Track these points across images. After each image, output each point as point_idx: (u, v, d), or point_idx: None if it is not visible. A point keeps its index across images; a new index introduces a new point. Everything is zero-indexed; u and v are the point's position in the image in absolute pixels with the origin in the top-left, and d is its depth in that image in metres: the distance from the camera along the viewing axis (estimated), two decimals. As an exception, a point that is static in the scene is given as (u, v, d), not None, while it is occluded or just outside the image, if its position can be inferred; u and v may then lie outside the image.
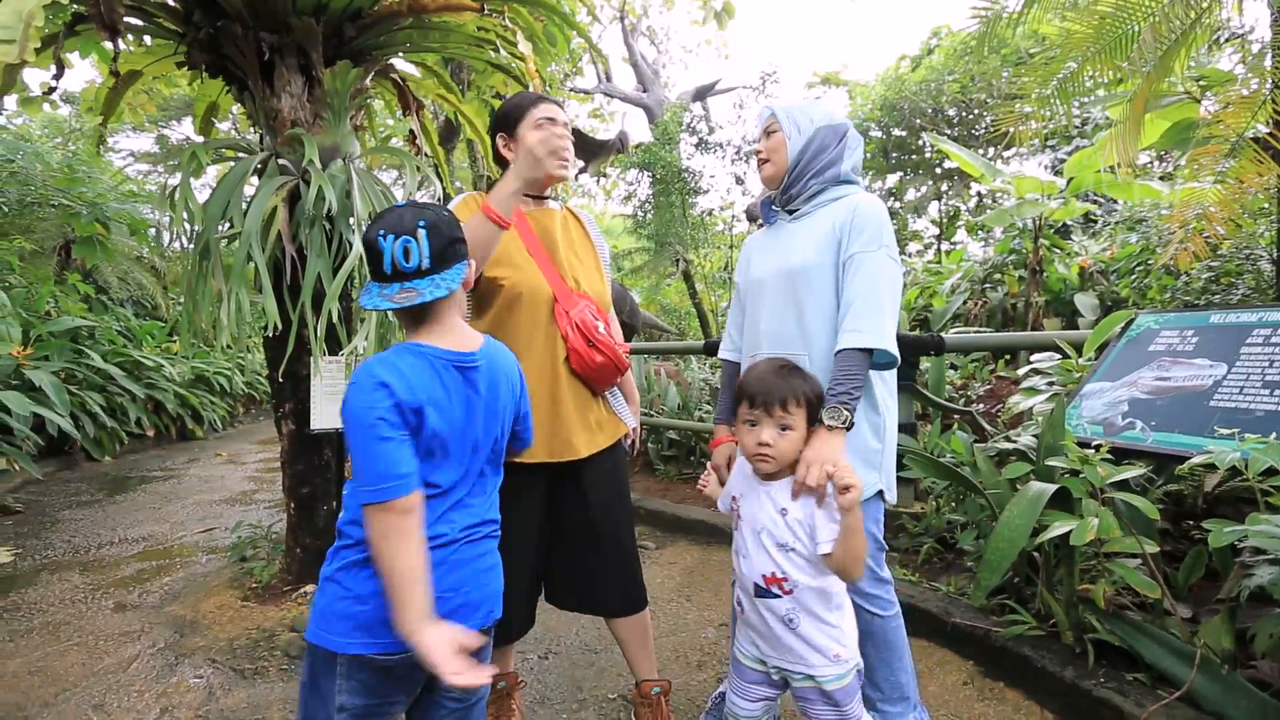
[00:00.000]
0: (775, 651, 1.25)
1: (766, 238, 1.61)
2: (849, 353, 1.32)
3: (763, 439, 1.20)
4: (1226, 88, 3.38)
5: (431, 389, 1.02)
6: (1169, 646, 1.58)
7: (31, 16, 1.33)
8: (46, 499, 4.48)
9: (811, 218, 1.48)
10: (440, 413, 1.03)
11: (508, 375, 1.16)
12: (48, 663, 2.23)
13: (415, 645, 0.92)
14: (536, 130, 1.49)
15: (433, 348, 1.05)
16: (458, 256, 1.07)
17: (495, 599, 1.12)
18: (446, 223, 1.07)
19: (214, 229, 2.31)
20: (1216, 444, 1.57)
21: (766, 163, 1.53)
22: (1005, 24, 3.45)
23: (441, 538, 1.03)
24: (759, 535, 1.24)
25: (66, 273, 6.75)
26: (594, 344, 1.51)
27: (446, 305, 1.08)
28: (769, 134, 1.52)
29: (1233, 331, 1.87)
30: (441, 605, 1.00)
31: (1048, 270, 5.48)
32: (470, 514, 1.09)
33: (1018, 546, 1.69)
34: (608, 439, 1.61)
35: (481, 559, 1.09)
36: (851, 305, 1.35)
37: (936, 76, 9.55)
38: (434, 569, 0.99)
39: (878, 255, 1.36)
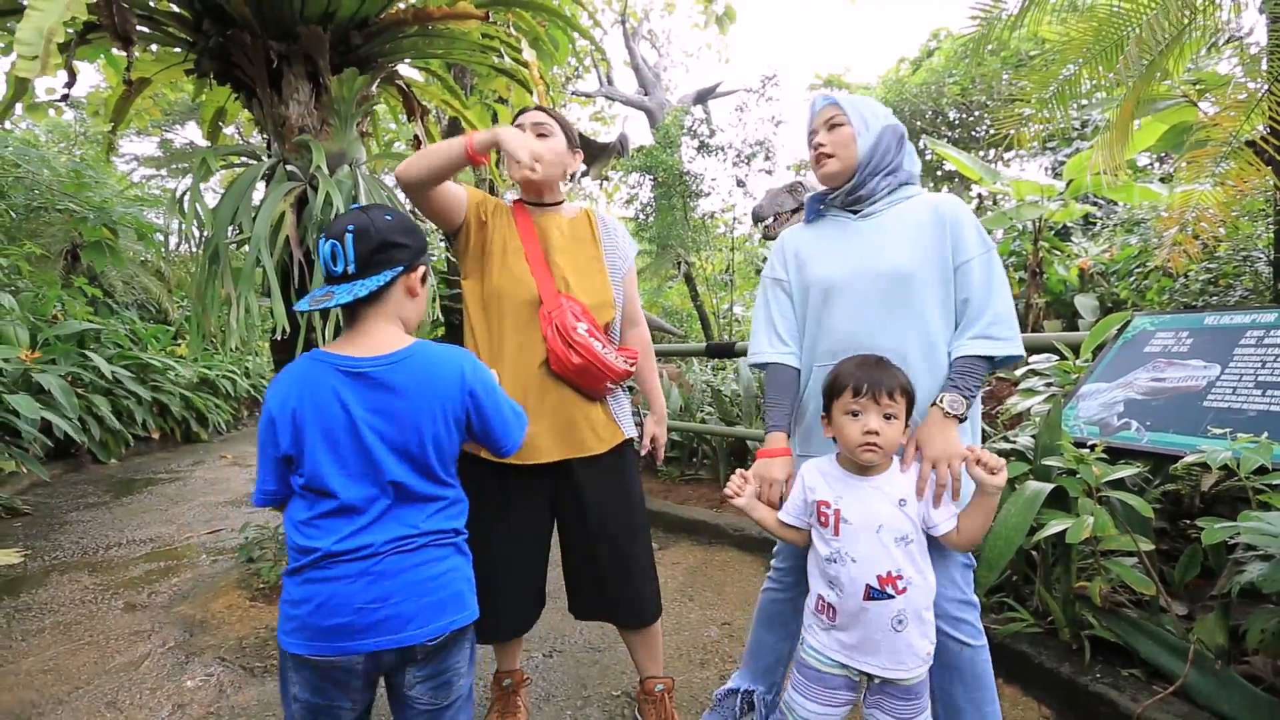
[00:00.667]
0: (872, 656, 1.20)
1: (826, 236, 1.47)
2: (973, 359, 1.29)
3: (870, 427, 1.17)
4: (1223, 91, 3.41)
5: (300, 397, 1.05)
6: (1164, 643, 1.61)
7: (53, 33, 1.37)
8: (54, 501, 4.52)
9: (885, 216, 1.40)
10: (309, 420, 1.04)
11: (434, 382, 1.09)
12: (60, 661, 2.26)
13: None
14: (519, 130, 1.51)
15: (329, 354, 1.07)
16: (388, 263, 1.07)
17: (436, 610, 1.07)
18: (382, 228, 1.06)
19: (223, 234, 2.35)
20: (1209, 444, 1.60)
21: (831, 158, 1.40)
22: (1004, 27, 3.48)
23: (363, 550, 1.02)
24: (877, 532, 1.19)
25: (73, 277, 6.80)
26: (571, 345, 1.47)
27: (373, 311, 1.09)
28: (832, 127, 1.40)
29: (1226, 333, 1.90)
30: (364, 616, 1.01)
31: (1048, 272, 5.51)
32: (400, 525, 1.06)
33: (1015, 545, 1.72)
34: (602, 445, 1.58)
35: (418, 569, 1.06)
36: (983, 312, 1.29)
37: (936, 79, 9.59)
38: (355, 580, 1.02)
39: (989, 256, 1.33)
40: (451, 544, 1.12)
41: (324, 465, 1.04)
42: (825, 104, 1.43)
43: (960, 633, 1.33)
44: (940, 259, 1.34)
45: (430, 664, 1.08)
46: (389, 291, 1.09)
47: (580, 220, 1.69)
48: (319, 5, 2.40)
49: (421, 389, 1.07)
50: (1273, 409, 1.65)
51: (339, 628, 1.02)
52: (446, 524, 1.11)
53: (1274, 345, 1.78)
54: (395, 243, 1.07)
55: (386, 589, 1.03)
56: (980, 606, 1.38)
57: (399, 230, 1.08)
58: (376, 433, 1.05)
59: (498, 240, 1.57)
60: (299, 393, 1.06)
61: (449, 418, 1.10)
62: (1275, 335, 1.80)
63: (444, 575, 1.09)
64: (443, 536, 1.11)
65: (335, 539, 1.03)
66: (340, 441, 1.04)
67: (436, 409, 1.08)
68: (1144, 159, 7.75)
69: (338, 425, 1.04)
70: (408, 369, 1.07)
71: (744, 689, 1.66)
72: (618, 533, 1.60)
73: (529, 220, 1.61)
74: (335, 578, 1.02)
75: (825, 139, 1.41)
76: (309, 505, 1.06)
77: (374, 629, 1.02)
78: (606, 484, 1.60)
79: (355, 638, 1.02)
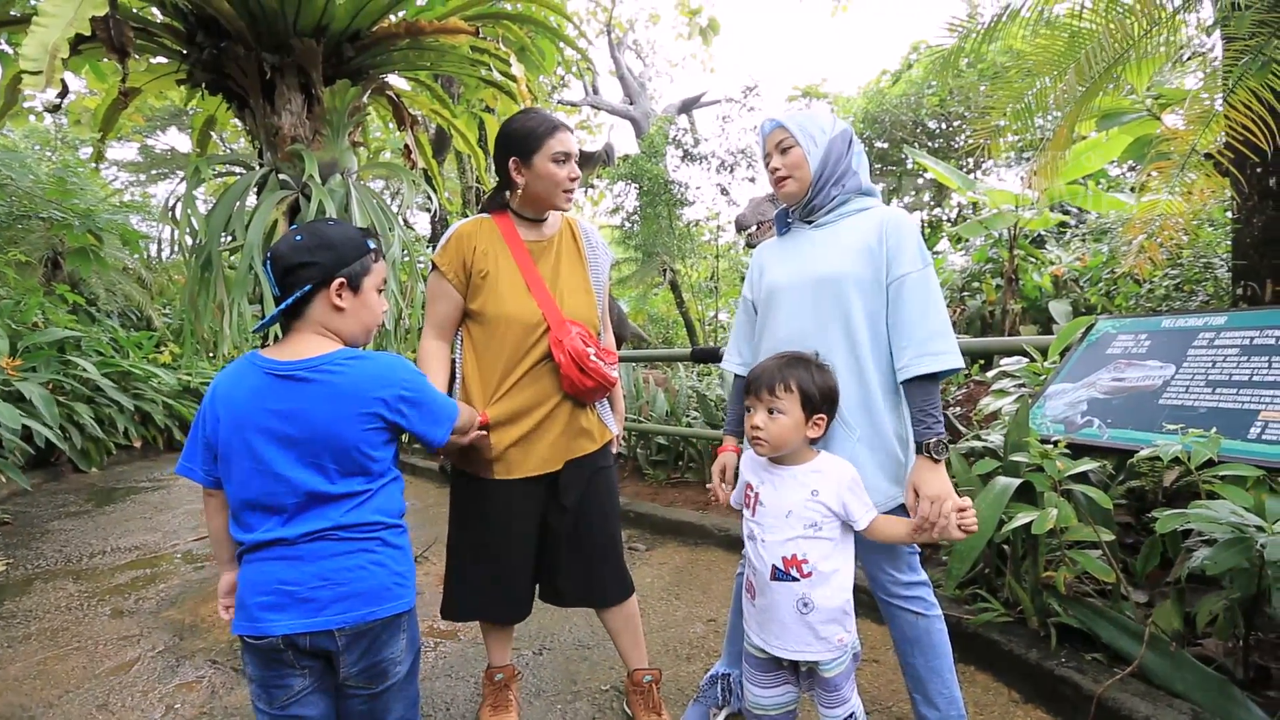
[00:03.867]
0: (781, 640, 1.29)
1: (783, 246, 1.58)
2: (926, 381, 1.35)
3: (754, 422, 1.30)
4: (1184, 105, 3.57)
5: (225, 393, 1.14)
6: (1123, 627, 1.70)
7: (57, 48, 1.42)
8: (35, 510, 4.48)
9: (836, 227, 1.48)
10: (226, 415, 1.13)
11: (346, 387, 1.13)
12: (48, 666, 2.26)
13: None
14: (554, 166, 1.55)
15: (262, 356, 1.16)
16: (296, 283, 1.14)
17: (352, 600, 1.12)
18: (287, 252, 1.14)
19: (216, 241, 2.39)
20: (1163, 439, 1.70)
21: (787, 179, 1.49)
22: (977, 40, 3.62)
23: (281, 540, 1.11)
24: (786, 517, 1.28)
25: (54, 284, 6.73)
26: (585, 371, 1.57)
27: (297, 324, 1.17)
28: (784, 150, 1.48)
29: (1181, 335, 2.02)
30: (284, 595, 1.10)
31: (1023, 279, 5.68)
32: (315, 520, 1.12)
33: (985, 537, 1.81)
34: (593, 444, 1.69)
35: (335, 559, 1.12)
36: (918, 329, 1.36)
37: (916, 90, 9.81)
38: (276, 562, 1.12)
39: (926, 273, 1.39)
40: (376, 537, 1.16)
41: (237, 462, 1.13)
42: (773, 127, 1.50)
43: (914, 606, 1.46)
44: (874, 268, 1.41)
45: (356, 650, 1.14)
46: (308, 307, 1.16)
47: (565, 233, 1.73)
48: (312, 19, 2.45)
49: (333, 393, 1.13)
50: (1222, 406, 1.75)
51: (263, 605, 1.10)
52: (368, 517, 1.15)
53: (1224, 346, 1.89)
54: (300, 263, 1.14)
55: (304, 572, 1.11)
56: (930, 584, 1.51)
57: (304, 250, 1.14)
58: (284, 435, 1.11)
59: (490, 264, 1.60)
60: (228, 388, 1.16)
61: (365, 420, 1.14)
62: (1225, 337, 1.91)
63: (362, 569, 1.13)
64: (364, 530, 1.15)
65: (257, 533, 1.13)
66: (254, 440, 1.12)
67: (349, 412, 1.13)
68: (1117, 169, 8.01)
69: (254, 423, 1.12)
70: (321, 374, 1.13)
71: (722, 673, 1.76)
72: (597, 519, 1.69)
73: (518, 239, 1.64)
74: (260, 559, 1.13)
75: (779, 163, 1.49)
76: (232, 499, 1.16)
77: (291, 610, 1.10)
78: (590, 477, 1.69)
79: (275, 616, 1.09)
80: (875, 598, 1.55)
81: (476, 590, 1.67)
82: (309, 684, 1.14)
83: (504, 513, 1.63)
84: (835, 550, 1.28)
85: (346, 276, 1.17)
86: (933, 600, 1.49)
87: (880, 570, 1.49)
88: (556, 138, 1.55)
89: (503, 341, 1.58)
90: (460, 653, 2.27)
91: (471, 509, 1.66)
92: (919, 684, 1.49)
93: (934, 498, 1.28)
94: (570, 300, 1.65)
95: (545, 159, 1.55)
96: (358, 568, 1.14)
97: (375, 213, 2.60)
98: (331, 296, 1.16)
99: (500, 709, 1.80)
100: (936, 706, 1.47)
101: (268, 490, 1.12)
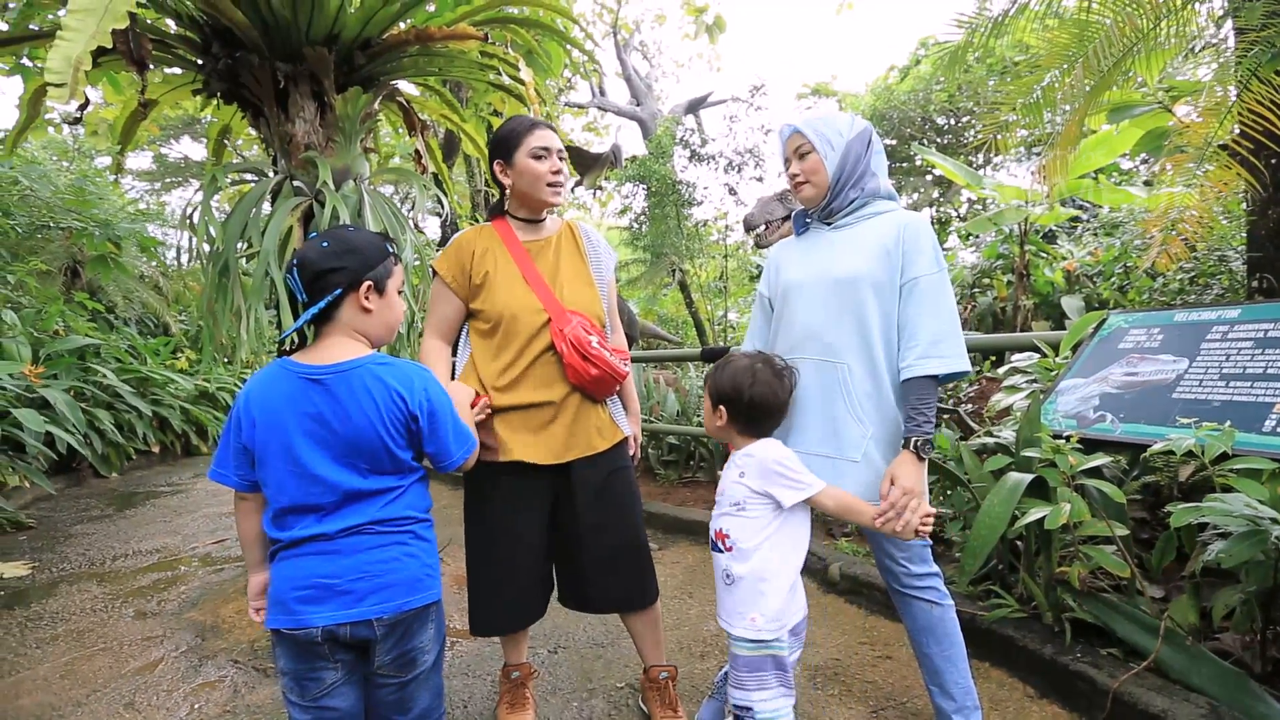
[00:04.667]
0: (719, 608, 1.39)
1: (801, 245, 1.61)
2: (925, 380, 1.37)
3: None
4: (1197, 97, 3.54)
5: (260, 399, 1.17)
6: (1139, 622, 1.69)
7: (80, 61, 1.46)
8: (58, 514, 4.56)
9: (855, 229, 1.50)
10: (262, 420, 1.16)
11: (375, 392, 1.17)
12: (75, 666, 2.32)
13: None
14: (533, 161, 1.61)
15: (293, 362, 1.19)
16: (326, 288, 1.17)
17: (388, 591, 1.17)
18: (315, 259, 1.17)
19: (233, 248, 2.43)
20: (1177, 433, 1.70)
21: (805, 184, 1.51)
22: (986, 34, 3.60)
23: (320, 536, 1.15)
24: (721, 496, 1.41)
25: (74, 292, 6.86)
26: (588, 358, 1.58)
27: (328, 328, 1.21)
28: (802, 155, 1.50)
29: (1194, 328, 2.00)
30: (322, 589, 1.13)
31: (1035, 274, 5.63)
32: (352, 516, 1.16)
33: (997, 533, 1.81)
34: (605, 443, 1.68)
35: (371, 552, 1.16)
36: (927, 330, 1.38)
37: (924, 86, 9.76)
38: (314, 557, 1.15)
39: (940, 277, 1.41)
40: (408, 531, 1.22)
41: (275, 465, 1.16)
42: (791, 132, 1.53)
43: (929, 595, 1.50)
44: (888, 272, 1.43)
45: (391, 639, 1.18)
46: (338, 310, 1.20)
47: (564, 234, 1.77)
48: (324, 28, 2.49)
49: (363, 397, 1.16)
50: (1236, 399, 1.74)
51: (301, 599, 1.13)
52: (401, 511, 1.21)
53: (1237, 339, 1.87)
54: (329, 269, 1.17)
55: (342, 565, 1.14)
56: (942, 575, 1.54)
57: (333, 256, 1.18)
58: (320, 437, 1.15)
59: (489, 265, 1.65)
60: (261, 394, 1.19)
61: (391, 425, 1.18)
62: (1239, 330, 1.90)
63: (396, 560, 1.18)
64: (397, 524, 1.20)
65: (295, 530, 1.16)
66: (292, 443, 1.15)
67: (376, 416, 1.16)
68: (1129, 162, 7.92)
69: (290, 427, 1.15)
70: (351, 379, 1.17)
71: None
72: (616, 522, 1.68)
73: (516, 240, 1.69)
74: (298, 554, 1.16)
75: (797, 168, 1.52)
76: (272, 502, 1.19)
77: (330, 602, 1.13)
78: (605, 479, 1.67)
79: (314, 609, 1.13)
80: (889, 589, 1.57)
81: (488, 603, 1.67)
82: (340, 676, 1.17)
83: (511, 503, 1.64)
84: (761, 530, 1.34)
85: (373, 279, 1.21)
86: (945, 591, 1.52)
87: (894, 563, 1.51)
88: (534, 134, 1.61)
89: (506, 337, 1.61)
90: (477, 651, 2.30)
91: (480, 501, 1.68)
92: (935, 675, 1.51)
93: (907, 490, 1.32)
94: (571, 292, 1.66)
95: (525, 155, 1.61)
96: (393, 560, 1.18)
97: (388, 218, 2.64)
98: (360, 299, 1.20)
99: (517, 707, 1.83)
100: (953, 697, 1.49)
101: (306, 491, 1.15)
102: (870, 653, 2.14)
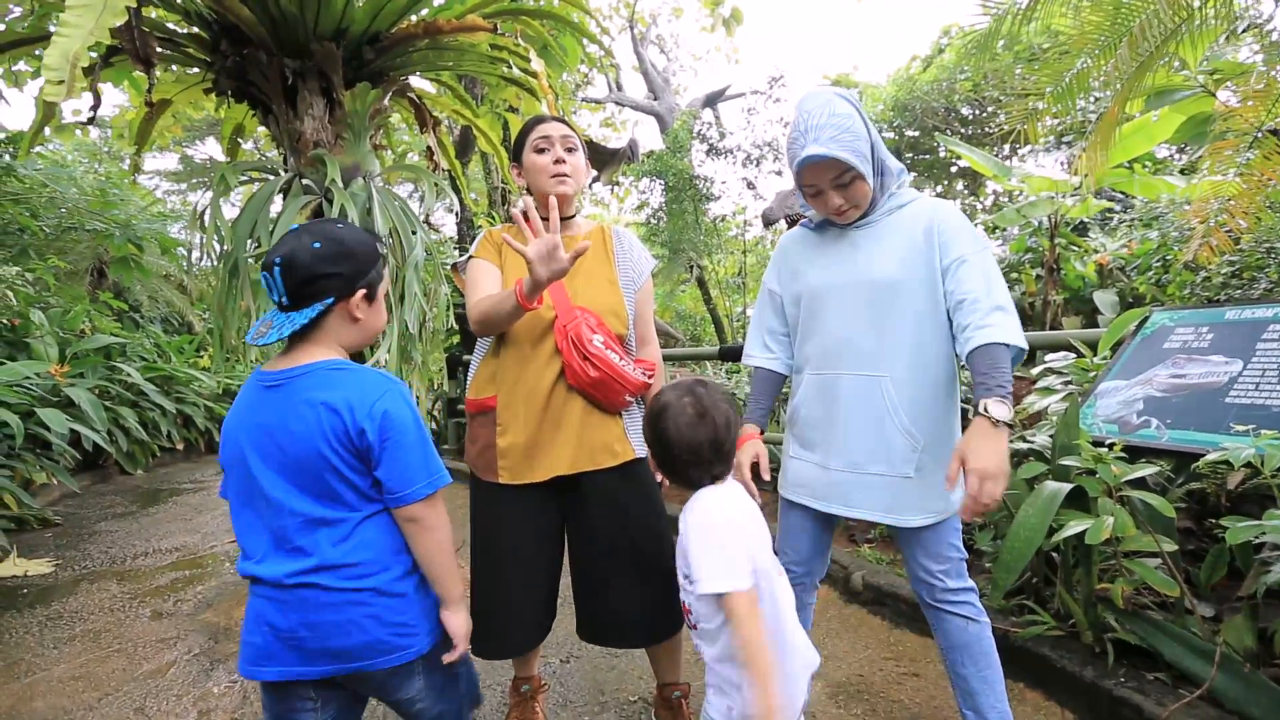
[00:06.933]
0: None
1: (820, 244, 1.48)
2: (994, 347, 1.19)
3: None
4: (1243, 80, 3.35)
5: (232, 409, 1.09)
6: (1190, 645, 1.58)
7: (77, 57, 1.42)
8: (83, 511, 4.64)
9: (881, 226, 1.40)
10: (227, 431, 1.08)
11: (318, 403, 1.02)
12: (90, 668, 2.32)
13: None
14: (535, 155, 1.57)
15: (261, 370, 1.10)
16: (316, 296, 1.03)
17: (345, 655, 1.03)
18: (308, 260, 1.02)
19: (243, 248, 2.40)
20: (1232, 441, 1.57)
21: (851, 210, 1.38)
22: (1014, 21, 3.45)
23: (270, 578, 1.02)
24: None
25: (99, 292, 6.98)
26: (588, 357, 1.45)
27: (308, 339, 1.07)
28: (844, 185, 1.33)
29: (1248, 327, 1.87)
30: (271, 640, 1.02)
31: (1065, 268, 5.43)
32: (305, 553, 1.02)
33: (1034, 546, 1.70)
34: (611, 459, 1.53)
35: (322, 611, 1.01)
36: (978, 303, 1.25)
37: (948, 75, 9.50)
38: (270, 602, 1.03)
39: (985, 255, 1.31)
40: (368, 588, 1.04)
41: (234, 480, 1.08)
42: (822, 160, 1.28)
43: (965, 611, 1.40)
44: (928, 266, 1.34)
45: (368, 687, 1.09)
46: (323, 321, 1.07)
47: (595, 234, 1.68)
48: (332, 23, 2.45)
49: (304, 408, 1.02)
50: (1298, 405, 1.61)
51: (256, 649, 1.04)
52: (355, 555, 1.03)
53: (1298, 339, 1.74)
54: (323, 274, 1.03)
55: (291, 620, 1.02)
56: (978, 591, 1.44)
57: (329, 259, 1.03)
58: (267, 450, 1.03)
59: (512, 261, 1.58)
60: (234, 404, 1.11)
61: (335, 441, 1.01)
62: (1299, 329, 1.76)
63: (351, 623, 1.03)
64: (352, 574, 1.03)
65: (250, 564, 1.05)
66: (245, 456, 1.05)
67: (317, 430, 1.01)
68: (1164, 150, 7.62)
69: (243, 439, 1.06)
70: (298, 386, 1.03)
71: None
72: (627, 552, 1.54)
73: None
74: (255, 594, 1.06)
75: (841, 199, 1.35)
76: (234, 521, 1.08)
77: (281, 656, 1.03)
78: (617, 501, 1.54)
79: (265, 663, 1.04)
80: (922, 604, 1.47)
81: (490, 630, 1.56)
82: (320, 706, 1.09)
83: (513, 521, 1.54)
84: (718, 609, 1.09)
85: (366, 286, 1.09)
86: (981, 607, 1.43)
87: (929, 576, 1.41)
88: (536, 129, 1.60)
89: (515, 335, 1.53)
90: (485, 662, 2.24)
91: (481, 518, 1.60)
92: (970, 697, 1.41)
93: (984, 474, 1.09)
94: (586, 290, 1.56)
95: (530, 151, 1.59)
96: (347, 622, 1.03)
97: (398, 216, 2.59)
98: (352, 309, 1.07)
99: (526, 720, 1.77)
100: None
101: (258, 511, 1.05)
102: (896, 669, 2.05)
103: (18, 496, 4.02)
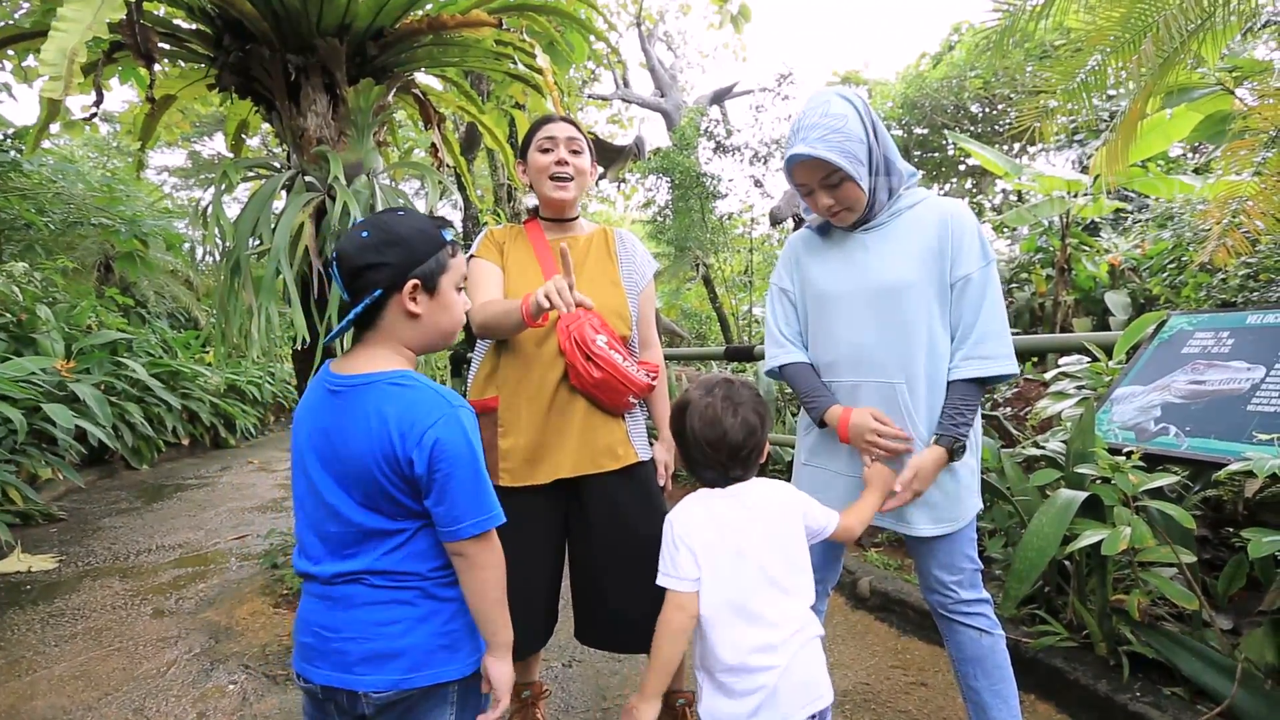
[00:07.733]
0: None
1: (829, 248, 1.45)
2: (970, 383, 1.31)
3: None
4: (1262, 78, 3.28)
5: (302, 408, 1.07)
6: (1208, 660, 1.53)
7: (75, 53, 1.40)
8: (88, 507, 4.64)
9: (889, 228, 1.38)
10: (297, 427, 1.06)
11: (372, 419, 0.97)
12: (90, 667, 2.31)
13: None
14: (538, 155, 1.57)
15: (327, 371, 1.06)
16: (365, 288, 0.99)
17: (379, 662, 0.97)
18: (352, 251, 0.99)
19: (244, 245, 2.38)
20: (1255, 450, 1.53)
21: (843, 212, 1.35)
22: (1029, 18, 3.38)
23: (321, 575, 1.00)
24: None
25: (106, 288, 7.00)
26: (591, 358, 1.43)
27: (367, 334, 1.03)
28: (833, 185, 1.32)
29: (1271, 333, 1.81)
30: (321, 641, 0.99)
31: (1076, 268, 5.36)
32: (356, 557, 0.99)
33: (1047, 556, 1.66)
34: (614, 463, 1.52)
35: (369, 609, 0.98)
36: (976, 330, 1.30)
37: (958, 73, 9.40)
38: (318, 600, 1.01)
39: (987, 271, 1.32)
40: (414, 588, 1.00)
41: (297, 480, 1.05)
42: (806, 160, 1.29)
43: (977, 623, 1.38)
44: (940, 271, 1.34)
45: (390, 716, 0.99)
46: (379, 315, 1.01)
47: (597, 236, 1.68)
48: (335, 18, 2.42)
49: (361, 420, 0.98)
50: (1323, 413, 1.56)
51: (304, 647, 1.01)
52: (403, 564, 0.99)
53: (1323, 345, 1.69)
54: (368, 264, 0.98)
55: (338, 619, 0.98)
56: (992, 602, 1.42)
57: (371, 249, 0.98)
58: (325, 456, 1.01)
59: (514, 263, 1.59)
60: (303, 403, 1.08)
61: (386, 468, 0.97)
62: (1324, 335, 1.71)
63: (392, 625, 0.97)
64: (400, 578, 0.99)
65: (306, 562, 1.03)
66: (305, 458, 1.03)
67: (370, 445, 0.97)
68: (1177, 149, 7.51)
69: (305, 441, 1.04)
70: (361, 396, 0.99)
71: None
72: (627, 556, 1.52)
73: (543, 239, 1.63)
74: (307, 593, 1.03)
75: (830, 199, 1.34)
76: (296, 519, 1.07)
77: (325, 658, 0.99)
78: (618, 504, 1.53)
79: (313, 663, 1.00)
80: (934, 614, 1.44)
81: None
82: None
83: (514, 527, 1.51)
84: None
85: (421, 277, 1.00)
86: (995, 619, 1.41)
87: (942, 586, 1.38)
88: (542, 129, 1.59)
89: (515, 339, 1.51)
90: (488, 663, 2.22)
91: None
92: (982, 711, 1.38)
93: (916, 494, 1.28)
94: (589, 291, 1.52)
95: (534, 151, 1.59)
96: (390, 622, 0.97)
97: (401, 214, 2.56)
98: (405, 301, 1.00)
99: (527, 727, 1.74)
100: None
101: (315, 513, 1.01)
102: (903, 678, 2.01)
103: (23, 491, 4.02)
